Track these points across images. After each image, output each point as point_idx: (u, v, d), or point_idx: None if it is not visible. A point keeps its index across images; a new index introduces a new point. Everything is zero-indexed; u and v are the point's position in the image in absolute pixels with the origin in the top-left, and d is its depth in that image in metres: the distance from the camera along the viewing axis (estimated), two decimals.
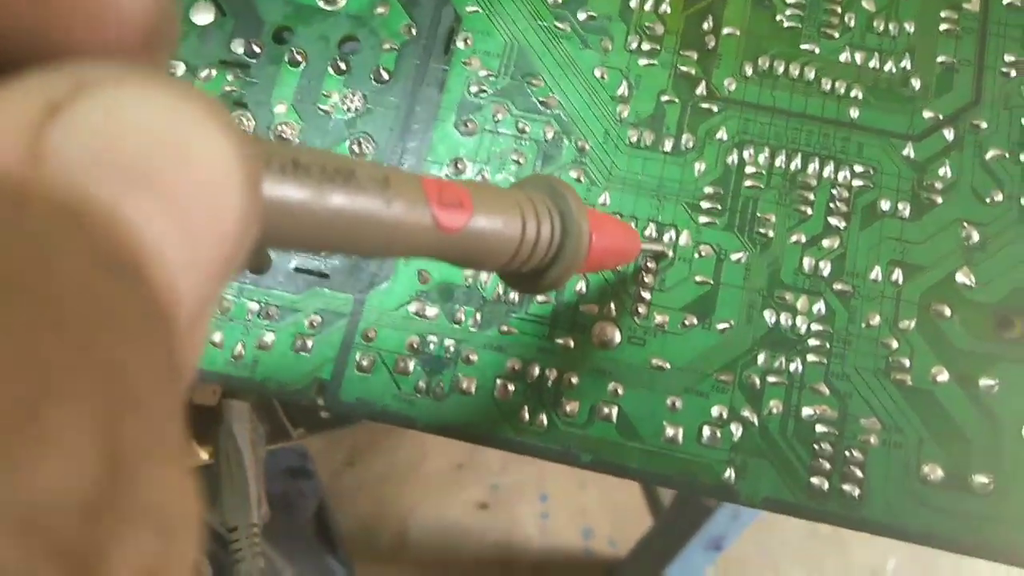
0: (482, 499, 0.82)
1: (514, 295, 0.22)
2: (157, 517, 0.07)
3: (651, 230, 0.22)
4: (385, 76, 0.23)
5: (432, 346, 0.21)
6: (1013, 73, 0.23)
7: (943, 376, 0.21)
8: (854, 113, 0.23)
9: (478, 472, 0.83)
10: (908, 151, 0.23)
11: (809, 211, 0.22)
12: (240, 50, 0.23)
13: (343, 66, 0.23)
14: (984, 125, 0.23)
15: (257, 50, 0.23)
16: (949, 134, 0.23)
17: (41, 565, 0.06)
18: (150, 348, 0.07)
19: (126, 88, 0.08)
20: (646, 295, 0.22)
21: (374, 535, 0.80)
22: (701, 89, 0.23)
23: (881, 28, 0.24)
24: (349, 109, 0.23)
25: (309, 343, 0.21)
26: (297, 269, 0.22)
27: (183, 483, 0.07)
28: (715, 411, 0.21)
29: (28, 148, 0.07)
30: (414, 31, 0.24)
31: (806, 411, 0.21)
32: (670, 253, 0.22)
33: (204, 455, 0.33)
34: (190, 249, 0.08)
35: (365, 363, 0.21)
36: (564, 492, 0.83)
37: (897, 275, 0.22)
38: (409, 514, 0.81)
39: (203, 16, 0.24)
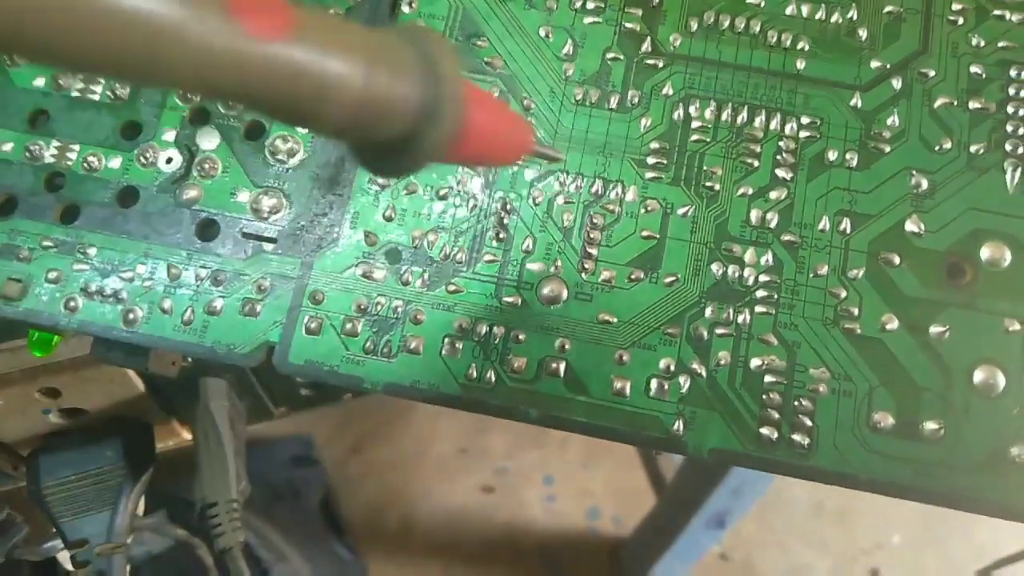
0: (487, 483, 0.83)
1: (461, 254, 0.22)
2: None
3: (598, 187, 0.22)
4: None
5: (380, 307, 0.21)
6: (960, 21, 0.23)
7: (893, 324, 0.21)
8: (800, 65, 0.23)
9: (483, 456, 0.83)
10: (855, 101, 0.23)
11: (756, 163, 0.22)
12: None
13: None
14: (932, 73, 0.23)
15: None
16: (897, 83, 0.23)
17: None
18: None
19: None
20: (592, 251, 0.22)
21: (381, 521, 0.81)
22: (646, 45, 0.23)
23: None
24: None
25: (258, 307, 0.21)
26: (244, 234, 0.22)
27: None
28: (663, 364, 0.21)
29: None
30: None
31: (755, 362, 0.21)
32: (563, 157, 0.21)
33: (187, 435, 0.34)
34: None
35: (313, 325, 0.21)
36: (569, 474, 0.83)
37: (845, 224, 0.22)
38: (415, 499, 0.81)
39: None
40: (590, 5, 0.23)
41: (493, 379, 0.21)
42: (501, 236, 0.22)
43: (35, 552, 0.32)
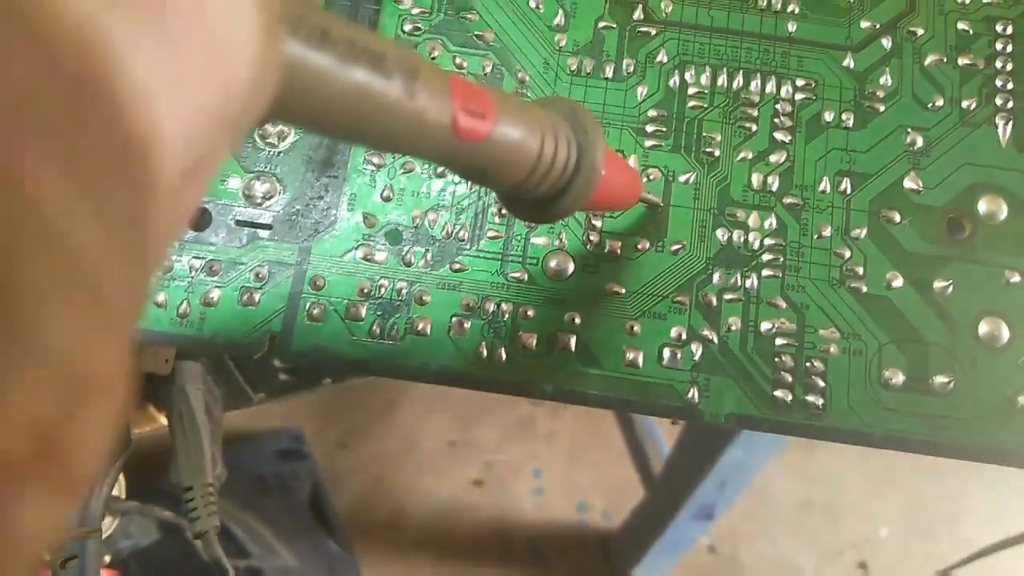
0: (477, 476, 0.82)
1: (463, 232, 0.21)
2: (60, 368, 0.06)
3: None
4: None
5: (383, 290, 0.21)
6: None
7: (898, 281, 0.21)
8: (792, 27, 0.23)
9: (472, 450, 0.83)
10: (848, 62, 0.23)
11: (754, 127, 0.22)
12: None
13: None
14: (920, 32, 0.23)
15: None
16: (887, 43, 0.23)
17: None
18: (121, 189, 0.06)
19: None
20: (597, 222, 0.21)
21: (370, 515, 0.80)
22: (638, 13, 0.23)
23: None
24: None
25: (256, 296, 0.21)
26: (238, 222, 0.21)
27: (110, 345, 0.06)
28: (674, 332, 0.21)
29: None
30: None
31: (765, 325, 0.21)
32: (660, 202, 0.21)
33: (163, 419, 0.33)
34: (186, 91, 0.07)
35: (316, 312, 0.21)
36: (558, 467, 0.83)
37: (845, 184, 0.22)
38: (405, 493, 0.80)
39: None
40: None
41: (504, 357, 0.20)
42: (503, 212, 0.21)
43: None
